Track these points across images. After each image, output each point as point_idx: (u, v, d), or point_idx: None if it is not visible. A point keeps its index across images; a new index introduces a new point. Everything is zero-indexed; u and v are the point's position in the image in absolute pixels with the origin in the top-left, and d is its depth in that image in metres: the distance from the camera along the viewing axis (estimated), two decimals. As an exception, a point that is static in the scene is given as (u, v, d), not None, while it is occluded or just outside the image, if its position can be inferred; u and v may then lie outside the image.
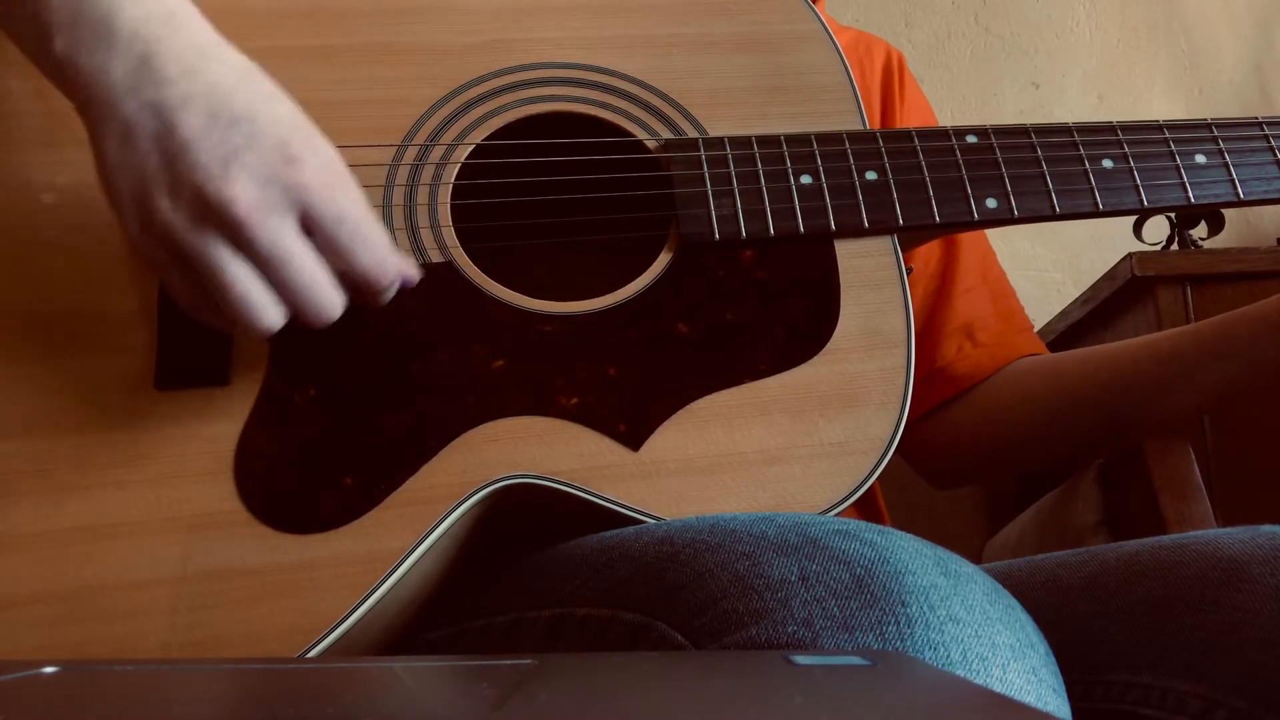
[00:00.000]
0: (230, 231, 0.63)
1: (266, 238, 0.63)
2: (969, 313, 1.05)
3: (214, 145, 0.63)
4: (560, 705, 0.34)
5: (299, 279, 0.65)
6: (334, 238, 0.66)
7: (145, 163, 0.63)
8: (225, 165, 0.63)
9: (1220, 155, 0.87)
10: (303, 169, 0.64)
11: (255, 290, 0.64)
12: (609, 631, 0.62)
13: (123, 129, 0.63)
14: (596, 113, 0.85)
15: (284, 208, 0.64)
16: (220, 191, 0.62)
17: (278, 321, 0.65)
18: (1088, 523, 1.07)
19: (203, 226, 0.63)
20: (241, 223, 0.62)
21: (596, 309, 0.77)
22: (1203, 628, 0.69)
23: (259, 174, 0.63)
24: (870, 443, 0.75)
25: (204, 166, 0.62)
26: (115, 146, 0.64)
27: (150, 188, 0.63)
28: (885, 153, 0.84)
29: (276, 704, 0.39)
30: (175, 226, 0.63)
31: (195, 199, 0.62)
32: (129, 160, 0.63)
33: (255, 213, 0.63)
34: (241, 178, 0.63)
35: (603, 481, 0.72)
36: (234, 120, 0.64)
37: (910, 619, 0.51)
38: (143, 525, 0.68)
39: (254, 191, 0.63)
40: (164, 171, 0.63)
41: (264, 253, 0.63)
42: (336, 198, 0.66)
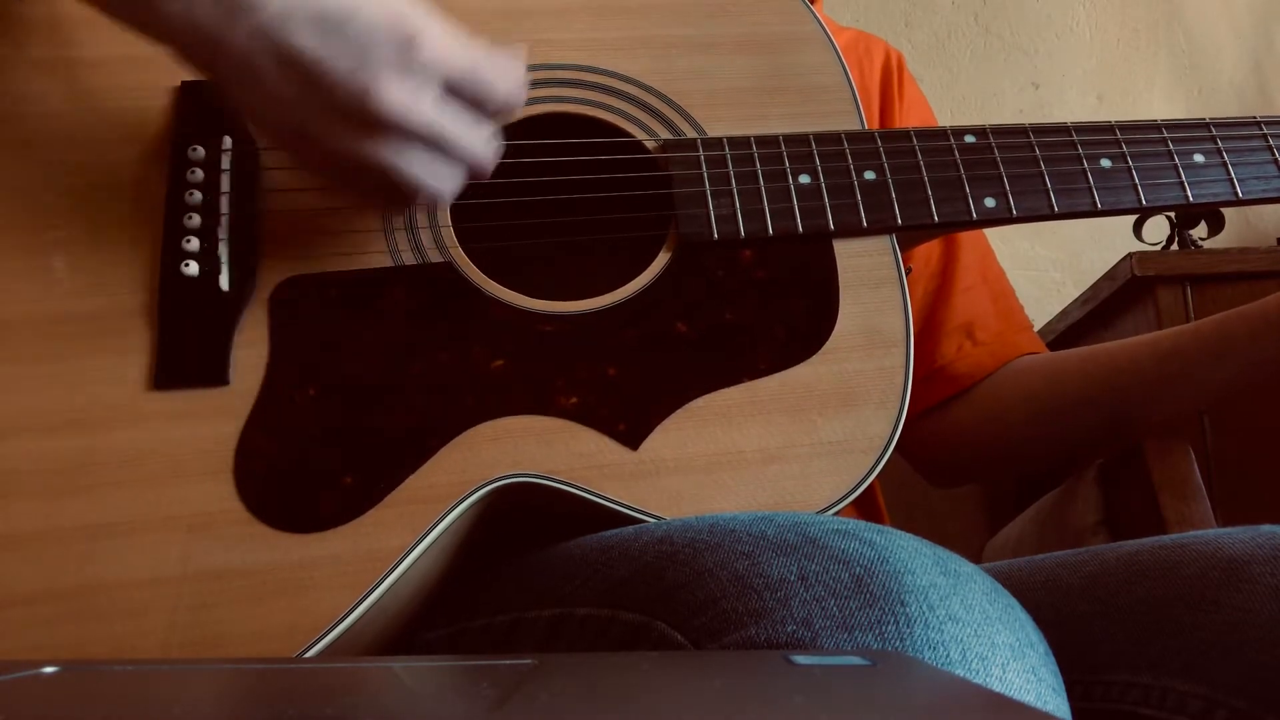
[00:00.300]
0: (395, 130, 0.67)
1: (426, 122, 0.67)
2: (969, 312, 1.05)
3: (340, 57, 0.65)
4: (560, 705, 0.34)
5: (463, 144, 0.70)
6: (473, 90, 0.70)
7: (283, 94, 0.66)
8: (361, 72, 0.65)
9: (1219, 155, 0.87)
10: (424, 45, 0.67)
11: (435, 171, 0.70)
12: (609, 631, 0.62)
13: (239, 64, 0.66)
14: (596, 113, 0.85)
15: (427, 86, 0.67)
16: (372, 101, 0.65)
17: (459, 184, 0.72)
18: (1088, 523, 1.07)
19: (370, 136, 0.67)
20: (401, 120, 0.66)
21: (596, 309, 0.77)
22: (1203, 627, 0.69)
23: (393, 67, 0.66)
24: (869, 442, 0.75)
25: (343, 82, 0.65)
26: (247, 87, 0.67)
27: (303, 119, 0.67)
28: (884, 153, 0.84)
29: (276, 704, 0.39)
30: (345, 147, 0.67)
31: (351, 115, 0.66)
32: (264, 98, 0.67)
33: (410, 106, 0.66)
34: (381, 79, 0.66)
35: (602, 481, 0.72)
36: (341, 24, 0.66)
37: (910, 618, 0.51)
38: (142, 524, 0.68)
39: (397, 87, 0.66)
40: (308, 95, 0.66)
41: (429, 135, 0.68)
42: (461, 56, 0.69)
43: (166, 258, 0.75)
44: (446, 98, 0.69)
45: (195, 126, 0.79)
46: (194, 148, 0.78)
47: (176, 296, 0.74)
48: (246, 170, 0.78)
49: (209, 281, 0.74)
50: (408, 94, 0.66)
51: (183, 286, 0.74)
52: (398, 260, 0.77)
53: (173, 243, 0.75)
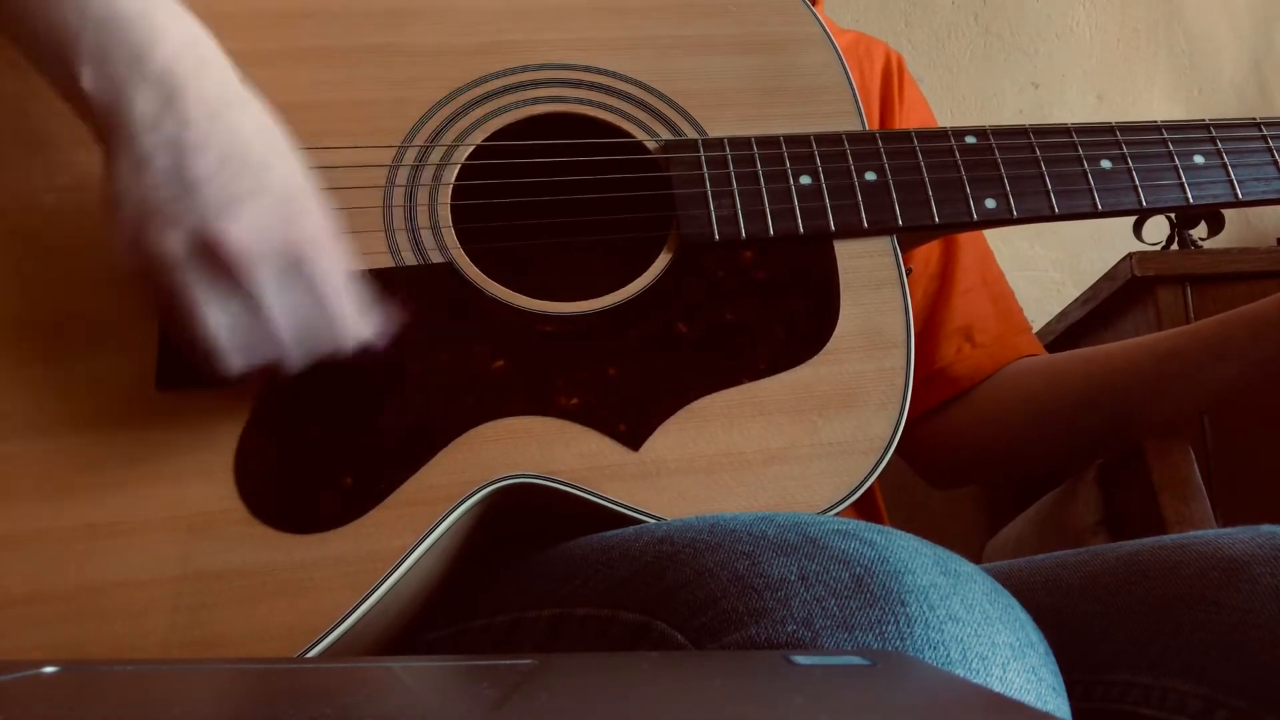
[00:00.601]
0: (217, 270, 0.64)
1: (253, 284, 0.65)
2: (968, 314, 1.05)
3: (221, 187, 0.64)
4: (560, 705, 0.34)
5: (272, 331, 0.66)
6: (311, 302, 0.67)
7: (153, 193, 0.64)
8: (227, 206, 0.64)
9: (1219, 156, 0.87)
10: (302, 226, 0.66)
11: (224, 335, 0.66)
12: (609, 631, 0.62)
13: (138, 159, 0.65)
14: (596, 114, 0.85)
15: (274, 258, 0.65)
16: (218, 230, 0.64)
17: (235, 370, 0.67)
18: (1088, 523, 1.07)
19: (193, 262, 0.64)
20: (231, 263, 0.64)
21: (596, 309, 0.77)
22: (1203, 628, 0.69)
23: (258, 221, 0.65)
24: (870, 443, 0.75)
25: (207, 205, 0.64)
26: (127, 172, 0.65)
27: (151, 216, 0.64)
28: (884, 153, 0.84)
29: (276, 704, 0.39)
30: (167, 257, 0.64)
31: (192, 233, 0.64)
32: (137, 188, 0.65)
33: (245, 255, 0.64)
34: (241, 220, 0.64)
35: (603, 481, 0.72)
36: (245, 168, 0.65)
37: (910, 618, 0.51)
38: (143, 524, 0.68)
39: (249, 236, 0.64)
40: (169, 204, 0.64)
41: (245, 298, 0.65)
42: (324, 262, 0.67)
43: (167, 258, 0.75)
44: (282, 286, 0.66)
45: (196, 127, 0.79)
46: (195, 148, 0.78)
47: (177, 296, 0.74)
48: (247, 170, 0.78)
49: (210, 281, 0.74)
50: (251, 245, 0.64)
51: (184, 286, 0.74)
52: (399, 260, 0.77)
53: None
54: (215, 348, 0.66)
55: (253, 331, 0.66)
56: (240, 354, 0.66)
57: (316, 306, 0.67)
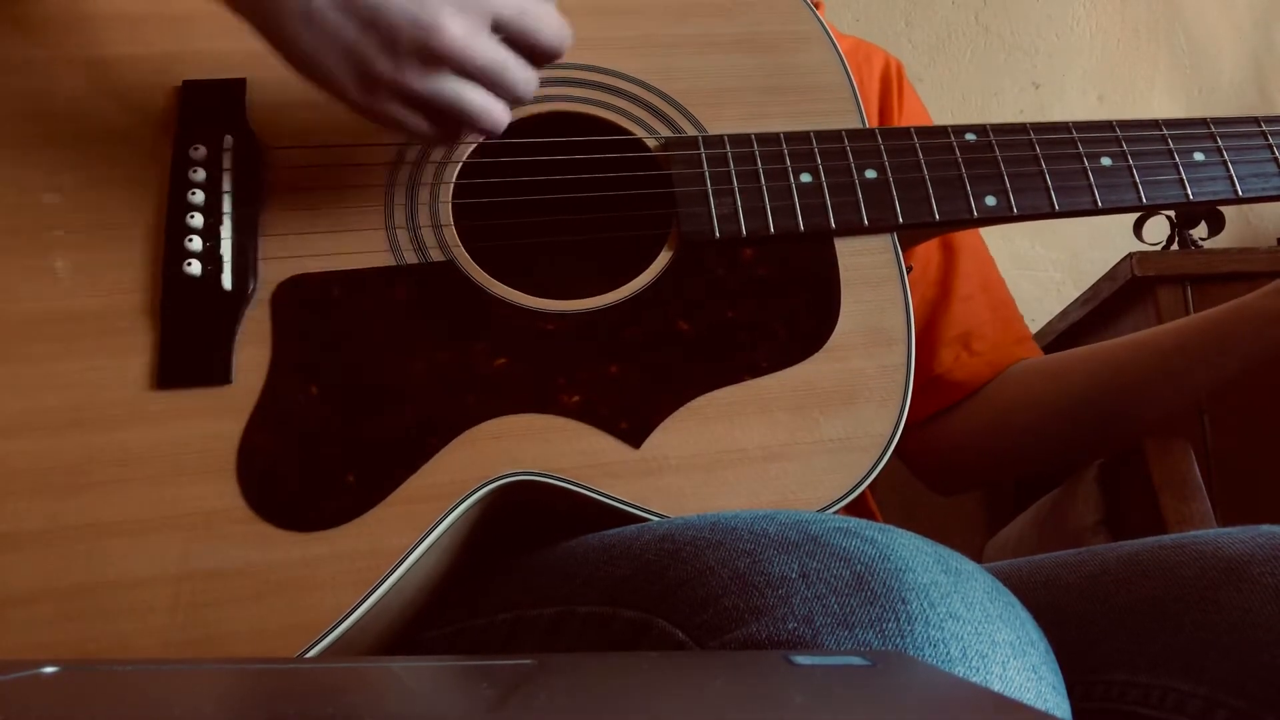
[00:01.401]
0: (454, 63, 0.71)
1: (483, 56, 0.72)
2: (967, 321, 1.05)
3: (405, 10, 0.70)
4: (560, 705, 0.34)
5: (514, 78, 0.74)
6: (521, 30, 0.74)
7: (345, 34, 0.70)
8: (421, 12, 0.70)
9: (1219, 153, 0.87)
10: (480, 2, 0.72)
11: (488, 102, 0.74)
12: (610, 629, 0.62)
13: (302, 11, 0.69)
14: (597, 112, 0.85)
15: (481, 25, 0.72)
16: (434, 36, 0.70)
17: (508, 115, 0.75)
18: (1088, 523, 1.07)
19: (431, 69, 0.71)
20: (460, 53, 0.71)
21: (597, 307, 0.77)
22: (1202, 627, 0.69)
23: (451, 7, 0.70)
24: (871, 440, 0.75)
25: (405, 20, 0.69)
26: (303, 30, 0.70)
27: (365, 55, 0.70)
28: (885, 151, 0.84)
29: (276, 704, 0.39)
30: (407, 79, 0.71)
31: (414, 49, 0.70)
32: (325, 39, 0.70)
33: (468, 40, 0.71)
34: (441, 16, 0.70)
35: (604, 479, 0.72)
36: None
37: (910, 616, 0.51)
38: (145, 523, 0.68)
39: (457, 23, 0.70)
40: (369, 35, 0.70)
41: (484, 68, 0.72)
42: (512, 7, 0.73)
43: (169, 256, 0.75)
44: (497, 35, 0.73)
45: (197, 125, 0.79)
46: (196, 147, 0.78)
47: (179, 296, 0.74)
48: (248, 169, 0.78)
49: (211, 280, 0.74)
50: (465, 30, 0.70)
51: (185, 285, 0.74)
52: (400, 259, 0.77)
53: (175, 242, 0.75)
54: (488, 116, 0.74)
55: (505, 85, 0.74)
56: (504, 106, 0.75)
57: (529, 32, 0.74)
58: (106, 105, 0.79)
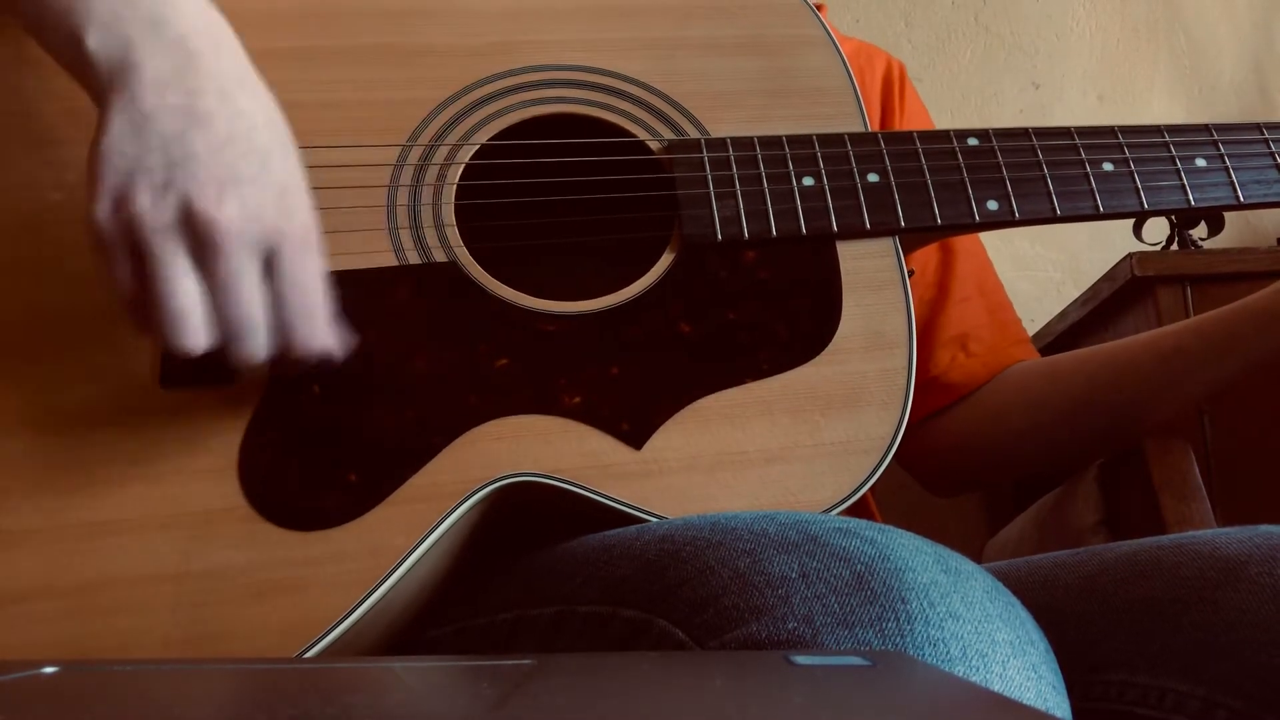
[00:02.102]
0: (201, 247, 0.63)
1: (233, 265, 0.64)
2: (964, 323, 1.05)
3: (221, 167, 0.64)
4: (560, 705, 0.34)
5: (243, 315, 0.65)
6: (287, 296, 0.66)
7: (147, 156, 0.64)
8: (223, 187, 0.64)
9: (1220, 159, 0.87)
10: (291, 221, 0.66)
11: (195, 310, 0.64)
12: (610, 629, 0.62)
13: (141, 117, 0.64)
14: (600, 114, 0.85)
15: (259, 247, 0.65)
16: (209, 208, 0.63)
17: (199, 347, 0.65)
18: (1087, 523, 1.07)
19: (176, 231, 0.63)
20: (217, 243, 0.63)
21: (600, 309, 0.77)
22: (1201, 628, 0.69)
23: (251, 206, 0.64)
24: (872, 442, 0.75)
25: (203, 182, 0.64)
26: (123, 130, 0.64)
27: (140, 178, 0.64)
28: (887, 154, 0.84)
29: (276, 704, 0.39)
30: (149, 221, 0.63)
31: (181, 205, 0.63)
32: (131, 148, 0.64)
33: (232, 239, 0.63)
34: (234, 203, 0.64)
35: (605, 480, 0.72)
36: (249, 152, 0.65)
37: (910, 615, 0.51)
38: (147, 521, 0.68)
39: (240, 217, 0.64)
40: (162, 171, 0.63)
41: (223, 278, 0.64)
42: (307, 261, 0.67)
43: (171, 256, 0.75)
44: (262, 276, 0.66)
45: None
46: (199, 147, 0.78)
47: (181, 294, 0.74)
48: (251, 169, 0.78)
49: (214, 280, 0.74)
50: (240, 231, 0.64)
51: (187, 285, 0.74)
52: (402, 259, 0.77)
53: None
54: (181, 318, 0.64)
55: (223, 309, 0.65)
56: (203, 330, 0.65)
57: (287, 300, 0.66)
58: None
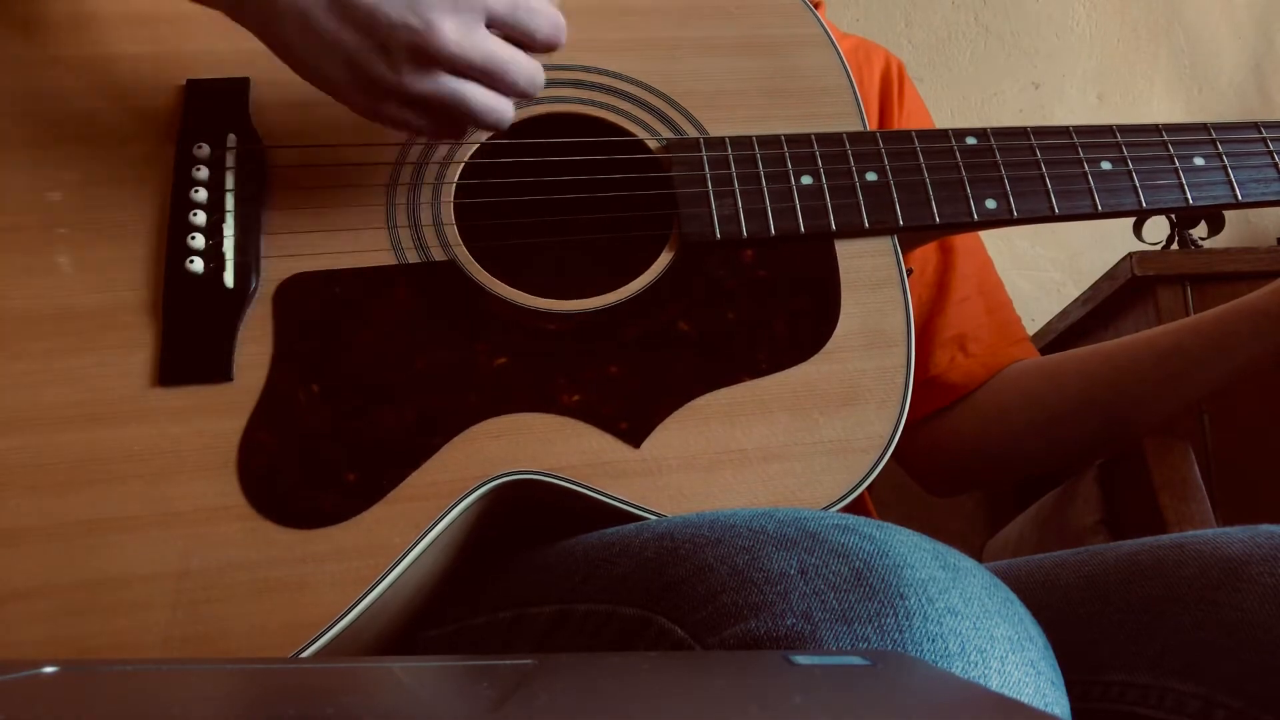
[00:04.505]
0: (451, 64, 0.71)
1: (480, 55, 0.72)
2: (963, 323, 1.05)
3: (392, 4, 0.70)
4: (560, 705, 0.34)
5: (514, 73, 0.74)
6: (515, 25, 0.74)
7: (341, 40, 0.70)
8: (414, 14, 0.70)
9: (1219, 158, 0.87)
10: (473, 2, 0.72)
11: (490, 99, 0.74)
12: (609, 626, 0.62)
13: (297, 16, 0.70)
14: (599, 113, 0.85)
15: (475, 22, 0.72)
16: (430, 38, 0.70)
17: (512, 111, 0.76)
18: (1087, 523, 1.07)
19: (429, 71, 0.71)
20: (457, 54, 0.71)
21: (598, 307, 0.77)
22: (1201, 627, 0.69)
23: (444, 7, 0.70)
24: (870, 440, 0.75)
25: (400, 23, 0.70)
26: (299, 36, 0.71)
27: (363, 61, 0.71)
28: (885, 154, 0.84)
29: (276, 704, 0.39)
30: (406, 83, 0.71)
31: (411, 53, 0.70)
32: (323, 44, 0.71)
33: (464, 40, 0.71)
34: (434, 17, 0.70)
35: (604, 478, 0.72)
36: None
37: (909, 611, 0.51)
38: (145, 519, 0.68)
39: (451, 24, 0.70)
40: (366, 40, 0.70)
41: (483, 67, 0.72)
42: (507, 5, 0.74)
43: (171, 254, 0.75)
44: (495, 34, 0.73)
45: (201, 124, 0.79)
46: (199, 145, 0.78)
47: (181, 293, 0.74)
48: (251, 168, 0.78)
49: (214, 278, 0.74)
50: (460, 31, 0.71)
51: (187, 283, 0.74)
52: (401, 258, 0.77)
53: (178, 239, 0.75)
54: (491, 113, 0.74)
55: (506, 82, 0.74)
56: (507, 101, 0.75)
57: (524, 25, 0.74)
58: (110, 104, 0.79)
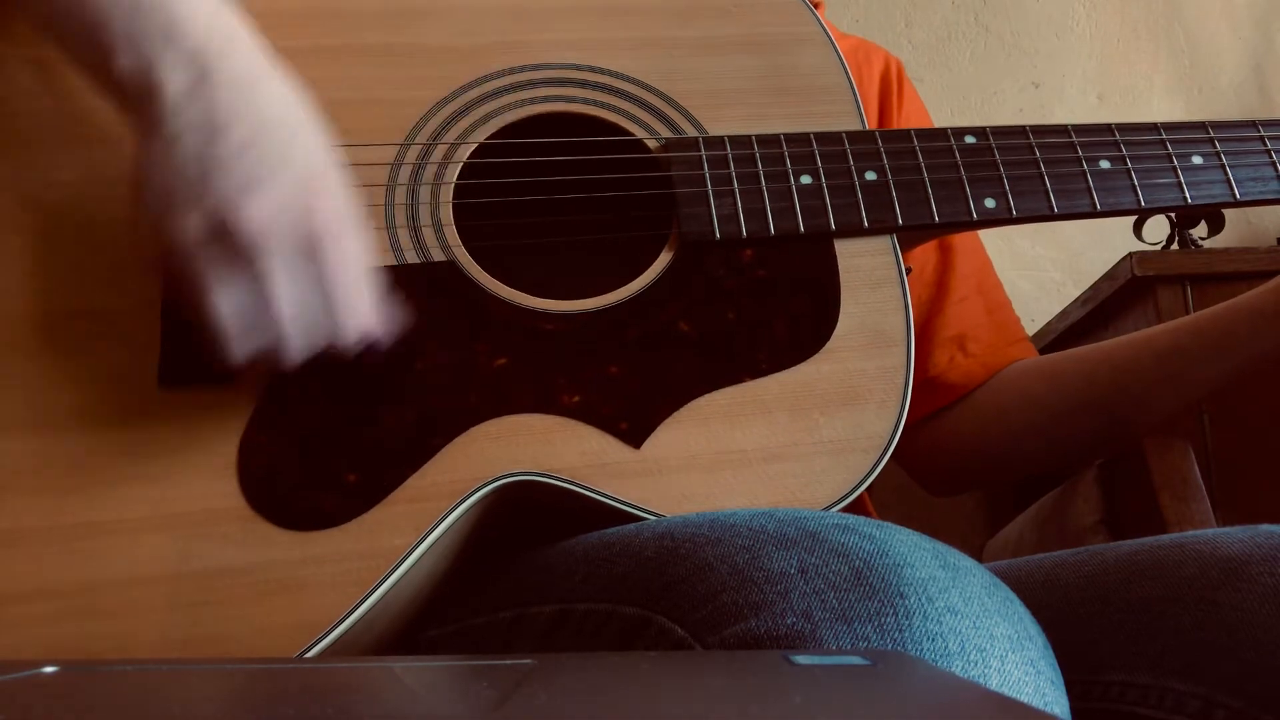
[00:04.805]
0: (231, 252, 0.64)
1: (261, 264, 0.65)
2: (962, 323, 1.05)
3: (245, 168, 0.65)
4: (560, 705, 0.34)
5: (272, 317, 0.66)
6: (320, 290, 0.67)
7: (178, 174, 0.65)
8: (247, 187, 0.64)
9: (1217, 157, 0.87)
10: (320, 210, 0.66)
11: (230, 320, 0.65)
12: (609, 626, 0.62)
13: (168, 139, 0.65)
14: (598, 113, 0.85)
15: (288, 241, 0.65)
16: (237, 211, 0.64)
17: (238, 357, 0.66)
18: (1087, 522, 1.07)
19: (209, 243, 0.64)
20: (244, 244, 0.64)
21: (598, 308, 0.77)
22: (1201, 627, 0.69)
23: (276, 203, 0.65)
24: (870, 440, 0.75)
25: (230, 186, 0.64)
26: (158, 153, 0.66)
27: (175, 196, 0.65)
28: (884, 153, 0.84)
29: (276, 704, 0.39)
30: (185, 237, 0.64)
31: (211, 213, 0.64)
32: (164, 169, 0.65)
33: (259, 236, 0.64)
34: (261, 202, 0.64)
35: (604, 479, 0.72)
36: (269, 147, 0.66)
37: (908, 610, 0.51)
38: (145, 522, 0.68)
39: (265, 217, 0.64)
40: (192, 185, 0.65)
41: (252, 279, 0.65)
42: (343, 246, 0.67)
43: (170, 256, 0.75)
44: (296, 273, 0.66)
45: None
46: (197, 147, 0.78)
47: (180, 294, 0.74)
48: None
49: (212, 280, 0.74)
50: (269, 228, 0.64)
51: (186, 285, 0.74)
52: (401, 259, 0.77)
53: None
54: (220, 332, 0.66)
55: (258, 316, 0.66)
56: (243, 340, 0.66)
57: (324, 295, 0.67)
58: (108, 103, 0.79)
